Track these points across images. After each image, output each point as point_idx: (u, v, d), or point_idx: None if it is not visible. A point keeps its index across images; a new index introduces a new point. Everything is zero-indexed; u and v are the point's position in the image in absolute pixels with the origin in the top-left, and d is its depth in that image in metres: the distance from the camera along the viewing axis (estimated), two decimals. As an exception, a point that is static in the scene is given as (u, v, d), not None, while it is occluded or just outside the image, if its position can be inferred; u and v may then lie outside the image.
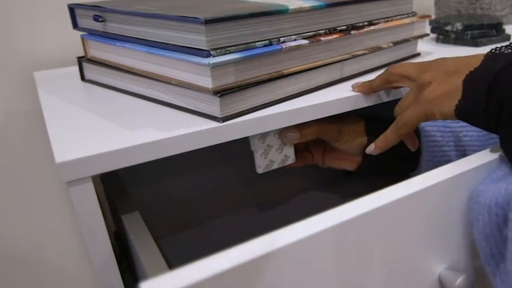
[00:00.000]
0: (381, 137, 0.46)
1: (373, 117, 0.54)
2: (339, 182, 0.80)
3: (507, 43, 0.40)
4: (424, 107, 0.40)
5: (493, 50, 0.38)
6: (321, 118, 0.45)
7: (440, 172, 0.35)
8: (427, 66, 0.42)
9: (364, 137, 0.53)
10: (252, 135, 0.48)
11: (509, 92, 0.33)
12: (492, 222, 0.33)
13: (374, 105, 0.48)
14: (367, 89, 0.47)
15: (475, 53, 0.39)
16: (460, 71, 0.38)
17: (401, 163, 0.55)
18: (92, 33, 0.52)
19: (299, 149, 0.57)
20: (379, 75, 0.47)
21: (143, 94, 0.48)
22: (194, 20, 0.37)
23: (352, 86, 0.48)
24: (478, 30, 0.66)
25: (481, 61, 0.37)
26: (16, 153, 0.68)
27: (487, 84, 0.35)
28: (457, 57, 0.41)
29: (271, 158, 0.51)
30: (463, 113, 0.37)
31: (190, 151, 0.39)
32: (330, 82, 0.50)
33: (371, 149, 0.47)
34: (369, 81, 0.48)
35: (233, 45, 0.40)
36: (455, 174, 0.35)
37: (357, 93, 0.47)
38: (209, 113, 0.41)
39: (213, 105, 0.40)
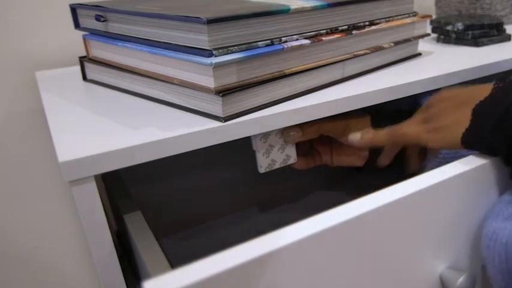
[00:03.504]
0: (371, 132, 0.48)
1: (378, 112, 0.54)
2: (340, 181, 0.80)
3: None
4: (428, 130, 0.40)
5: (499, 83, 0.38)
6: (323, 117, 0.45)
7: (442, 171, 0.35)
8: (435, 101, 0.43)
9: (371, 128, 0.53)
10: (254, 135, 0.48)
11: None
12: (509, 260, 0.33)
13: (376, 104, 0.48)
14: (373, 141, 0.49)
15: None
16: (469, 101, 0.39)
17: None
18: (94, 33, 0.52)
19: (306, 151, 0.57)
20: (382, 132, 0.48)
21: (145, 94, 0.48)
22: (196, 20, 0.38)
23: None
24: (478, 30, 0.66)
25: (490, 91, 0.38)
26: (17, 153, 0.68)
27: (496, 116, 0.36)
28: (465, 88, 0.42)
29: (273, 158, 0.51)
30: (469, 141, 0.37)
31: (192, 151, 0.39)
32: (332, 82, 0.50)
33: (356, 137, 0.49)
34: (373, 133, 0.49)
35: (235, 45, 0.40)
36: (458, 173, 0.35)
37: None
38: (211, 113, 0.41)
39: (215, 105, 0.40)
